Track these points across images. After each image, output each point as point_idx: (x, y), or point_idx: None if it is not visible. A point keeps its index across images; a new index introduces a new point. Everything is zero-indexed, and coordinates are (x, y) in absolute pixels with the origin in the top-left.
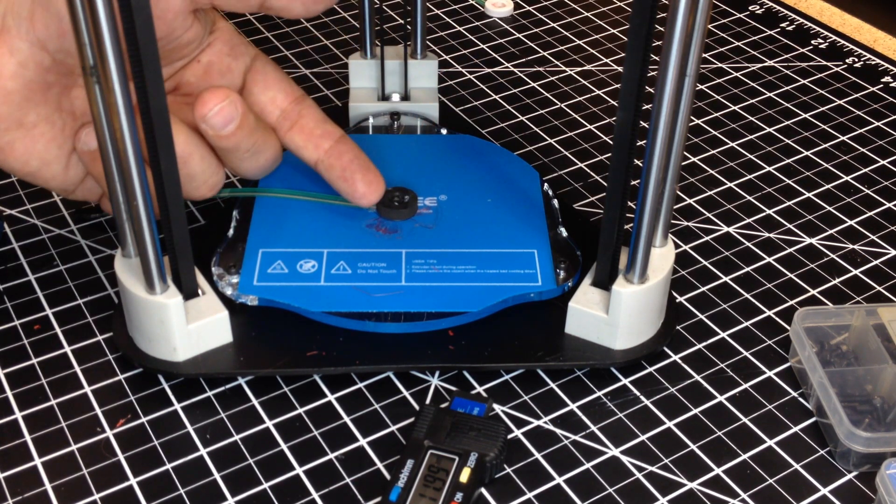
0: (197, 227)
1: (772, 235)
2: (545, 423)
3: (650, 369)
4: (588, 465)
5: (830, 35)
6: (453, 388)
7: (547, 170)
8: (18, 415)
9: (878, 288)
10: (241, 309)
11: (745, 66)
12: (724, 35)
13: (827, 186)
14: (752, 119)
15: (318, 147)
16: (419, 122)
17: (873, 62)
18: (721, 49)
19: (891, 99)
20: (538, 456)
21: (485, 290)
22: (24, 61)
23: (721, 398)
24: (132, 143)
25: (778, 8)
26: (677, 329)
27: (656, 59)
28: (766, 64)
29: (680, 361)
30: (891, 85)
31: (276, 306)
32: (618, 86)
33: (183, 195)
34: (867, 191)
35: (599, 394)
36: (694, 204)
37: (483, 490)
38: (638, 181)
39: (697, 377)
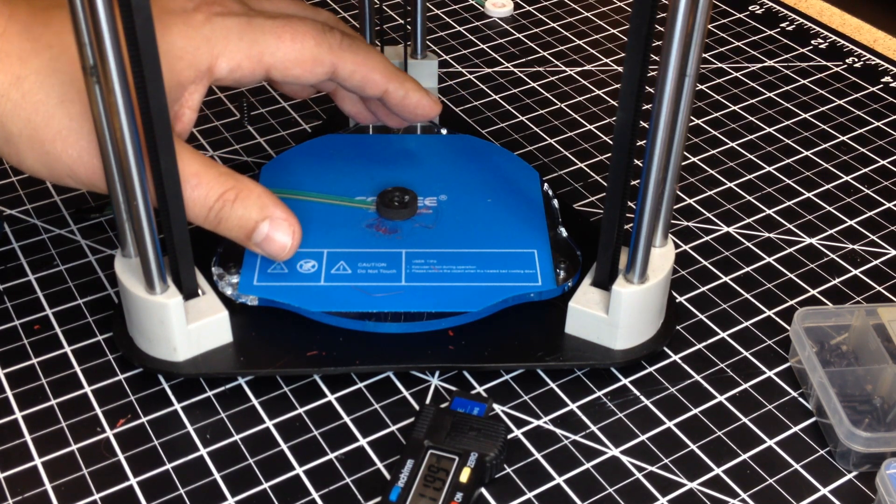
0: (197, 227)
1: (772, 235)
2: (545, 423)
3: (650, 369)
4: (588, 465)
5: (830, 35)
6: (453, 388)
7: (547, 170)
8: (18, 415)
9: (878, 288)
10: (241, 309)
11: (745, 66)
12: (724, 35)
13: (827, 186)
14: (752, 119)
15: None
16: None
17: (873, 62)
18: (721, 49)
19: (891, 99)
20: (538, 456)
21: (485, 290)
22: None
23: (721, 398)
24: (132, 143)
25: (778, 8)
26: (677, 329)
27: (656, 59)
28: (765, 64)
29: (680, 361)
30: (891, 85)
31: (276, 306)
32: (618, 86)
33: None
34: (867, 191)
35: (599, 394)
36: (694, 204)
37: (483, 490)
38: (638, 181)
39: (697, 377)
